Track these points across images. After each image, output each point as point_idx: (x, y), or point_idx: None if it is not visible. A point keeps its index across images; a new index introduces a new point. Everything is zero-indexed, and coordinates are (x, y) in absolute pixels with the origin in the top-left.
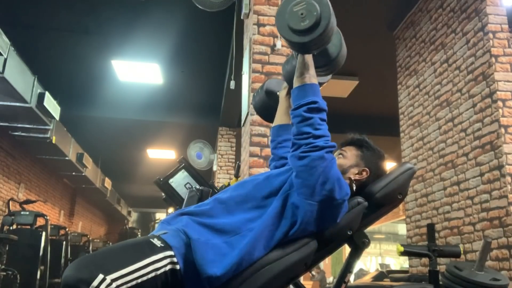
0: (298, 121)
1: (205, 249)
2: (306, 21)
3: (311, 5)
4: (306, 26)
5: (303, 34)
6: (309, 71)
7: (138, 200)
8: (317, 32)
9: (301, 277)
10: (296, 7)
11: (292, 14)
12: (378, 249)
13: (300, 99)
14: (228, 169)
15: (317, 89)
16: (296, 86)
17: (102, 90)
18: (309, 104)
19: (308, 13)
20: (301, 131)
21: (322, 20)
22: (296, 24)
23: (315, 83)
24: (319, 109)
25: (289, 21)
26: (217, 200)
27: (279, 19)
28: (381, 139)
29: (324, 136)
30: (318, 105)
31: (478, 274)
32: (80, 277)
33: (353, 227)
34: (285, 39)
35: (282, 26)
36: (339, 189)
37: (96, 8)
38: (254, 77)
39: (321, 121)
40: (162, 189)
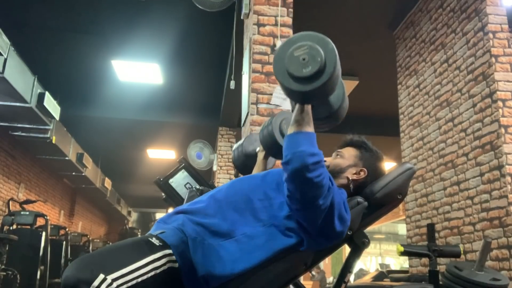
0: (290, 179)
1: (201, 249)
2: (309, 68)
3: (315, 49)
4: (308, 73)
5: (304, 82)
6: (306, 119)
7: (138, 200)
8: (320, 80)
9: (301, 277)
10: (298, 51)
11: (293, 59)
12: (378, 249)
13: (292, 148)
14: (228, 169)
15: (313, 137)
16: (289, 133)
17: (102, 90)
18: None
19: (311, 59)
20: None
21: (326, 68)
22: (296, 70)
23: (311, 131)
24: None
25: (289, 67)
26: (213, 198)
27: (278, 64)
28: (381, 139)
29: (321, 194)
30: (312, 160)
31: (478, 274)
32: (81, 277)
33: (353, 227)
34: (282, 87)
35: (280, 71)
36: (339, 221)
37: (96, 8)
38: (254, 77)
39: (317, 178)
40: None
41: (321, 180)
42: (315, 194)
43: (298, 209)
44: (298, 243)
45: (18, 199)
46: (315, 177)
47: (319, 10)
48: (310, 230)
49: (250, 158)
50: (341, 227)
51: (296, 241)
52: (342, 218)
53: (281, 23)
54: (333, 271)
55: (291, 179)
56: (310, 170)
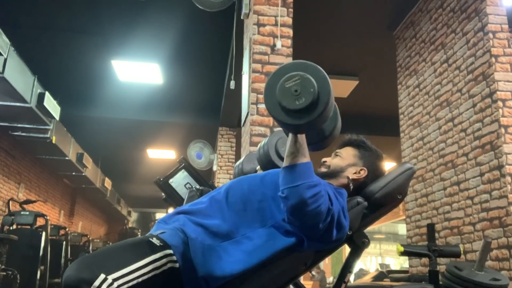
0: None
1: (202, 250)
2: (302, 100)
3: (306, 80)
4: (301, 106)
5: (298, 115)
6: (300, 150)
7: (138, 200)
8: (316, 112)
9: (301, 277)
10: (288, 82)
11: (284, 91)
12: (378, 249)
13: (289, 183)
14: (228, 169)
15: (309, 167)
16: (285, 166)
17: (102, 90)
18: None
19: (303, 89)
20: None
21: (320, 97)
22: (289, 104)
23: (307, 161)
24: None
25: (281, 100)
26: (213, 199)
27: (269, 97)
28: (381, 139)
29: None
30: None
31: (478, 274)
32: (82, 277)
33: (353, 227)
34: (276, 121)
35: (272, 105)
36: (337, 230)
37: (96, 8)
38: (254, 77)
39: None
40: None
41: (320, 209)
42: (315, 222)
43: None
44: (297, 243)
45: (18, 199)
46: (314, 208)
47: (319, 10)
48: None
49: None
50: (339, 234)
51: (295, 242)
52: (340, 226)
53: (281, 23)
54: (333, 271)
55: (290, 213)
56: (309, 204)
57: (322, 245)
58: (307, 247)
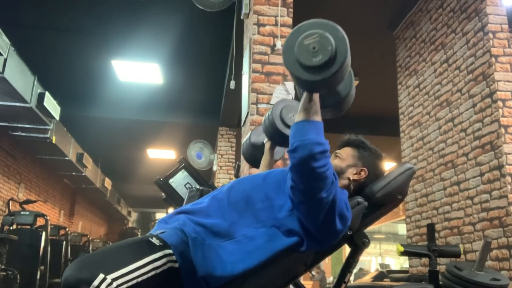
0: (295, 169)
1: (202, 250)
2: (319, 57)
3: (325, 38)
4: (318, 63)
5: (315, 72)
6: (313, 107)
7: (138, 200)
8: (331, 70)
9: (301, 277)
10: (307, 39)
11: (303, 48)
12: (378, 249)
13: (299, 137)
14: (228, 169)
15: (320, 127)
16: (297, 121)
17: (102, 90)
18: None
19: (321, 48)
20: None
21: (337, 57)
22: (307, 60)
23: (319, 120)
24: (320, 153)
25: (299, 56)
26: (214, 199)
27: (287, 53)
28: (381, 139)
29: (325, 186)
30: (318, 150)
31: (478, 274)
32: (81, 277)
33: (353, 227)
34: (293, 76)
35: (290, 61)
36: (340, 220)
37: (96, 8)
38: (254, 77)
39: (322, 169)
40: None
41: (325, 170)
42: (319, 185)
43: (300, 202)
44: (298, 243)
45: (18, 199)
46: (320, 166)
47: (319, 10)
48: (310, 227)
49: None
50: (342, 226)
51: (296, 241)
52: (343, 217)
53: (281, 23)
54: (333, 271)
55: (296, 167)
56: (317, 159)
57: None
58: (310, 246)
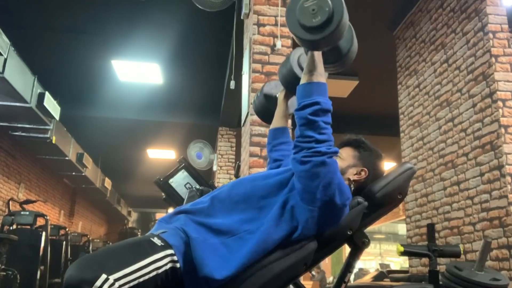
0: (302, 123)
1: (203, 249)
2: (318, 18)
3: (323, 0)
4: (317, 23)
5: (315, 31)
6: (318, 69)
7: (138, 200)
8: (329, 29)
9: (301, 277)
10: (307, 2)
11: (303, 10)
12: (378, 249)
13: (305, 97)
14: (228, 169)
15: (324, 88)
16: (303, 83)
17: (102, 90)
18: (313, 105)
19: (319, 9)
20: (304, 134)
21: (334, 16)
22: (307, 21)
23: (323, 81)
24: (324, 110)
25: (300, 18)
26: (215, 198)
27: (289, 16)
28: (381, 139)
29: (327, 141)
30: (323, 106)
31: (478, 274)
32: (83, 277)
33: (353, 227)
34: (295, 36)
35: (292, 23)
36: (340, 194)
37: (96, 8)
38: (254, 77)
39: (325, 125)
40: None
41: (327, 127)
42: (321, 138)
43: (303, 156)
44: (294, 230)
45: (18, 199)
46: (323, 121)
47: None
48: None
49: (270, 102)
50: (341, 200)
51: (292, 228)
52: (342, 192)
53: (281, 23)
54: (333, 271)
55: (302, 122)
56: (320, 115)
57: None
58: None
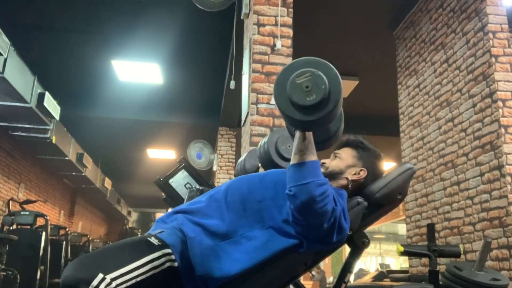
0: (297, 211)
1: (200, 250)
2: (313, 96)
3: (318, 77)
4: (312, 102)
5: (309, 111)
6: (309, 147)
7: (138, 200)
8: (326, 109)
9: (301, 277)
10: (300, 78)
11: (295, 87)
12: (378, 249)
13: (297, 180)
14: (228, 169)
15: (317, 166)
16: (293, 163)
17: (102, 90)
18: (306, 191)
19: (314, 86)
20: (300, 218)
21: (331, 96)
22: (300, 99)
23: (315, 159)
24: (321, 194)
25: (292, 95)
26: (212, 198)
27: (278, 91)
28: (381, 139)
29: (325, 220)
30: (318, 192)
31: (478, 274)
32: (80, 277)
33: (353, 227)
34: (284, 116)
35: (282, 100)
36: (338, 233)
37: (96, 8)
38: (254, 77)
39: (323, 208)
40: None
41: (327, 208)
42: (321, 221)
43: (302, 231)
44: (297, 245)
45: (18, 199)
46: (322, 207)
47: (319, 10)
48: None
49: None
50: (339, 237)
51: (294, 243)
52: (341, 229)
53: (281, 23)
54: (333, 271)
55: (297, 211)
56: (317, 202)
57: (322, 246)
58: (306, 249)
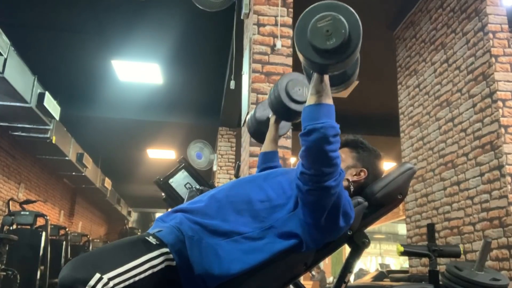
0: (308, 152)
1: (199, 248)
2: (333, 40)
3: (339, 21)
4: (332, 46)
5: (328, 55)
6: (325, 90)
7: (138, 200)
8: (345, 54)
9: (301, 277)
10: (321, 22)
11: (316, 31)
12: (378, 249)
13: (312, 120)
14: (228, 169)
15: (332, 110)
16: (309, 104)
17: (102, 90)
18: (321, 129)
19: (335, 31)
20: (309, 164)
21: (352, 40)
22: (320, 43)
23: (331, 103)
24: (333, 135)
25: (312, 39)
26: (212, 198)
27: (300, 36)
28: (381, 139)
29: (334, 172)
30: (331, 132)
31: (478, 274)
32: (77, 276)
33: (353, 227)
34: (305, 59)
35: (302, 44)
36: (343, 217)
37: (96, 8)
38: (254, 77)
39: (334, 153)
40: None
41: (336, 156)
42: (329, 171)
43: (309, 190)
44: (298, 245)
45: (18, 199)
46: (333, 150)
47: None
48: (314, 221)
49: (262, 124)
50: (344, 223)
51: (295, 243)
52: (346, 214)
53: (281, 23)
54: (333, 271)
55: (309, 151)
56: (330, 143)
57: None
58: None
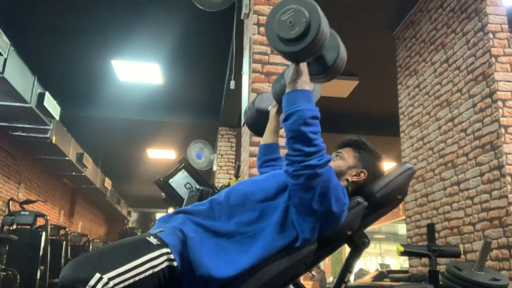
0: (290, 136)
1: (200, 249)
2: (296, 29)
3: (299, 12)
4: (295, 35)
5: (294, 43)
6: (302, 77)
7: (138, 200)
8: (307, 39)
9: (301, 277)
10: (284, 15)
11: (281, 23)
12: (378, 249)
13: (289, 106)
14: (228, 169)
15: (309, 95)
16: (287, 92)
17: (102, 90)
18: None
19: (296, 21)
20: (293, 147)
21: (312, 26)
22: (285, 34)
23: (307, 89)
24: (311, 117)
25: (278, 31)
26: (214, 201)
27: (268, 30)
28: (381, 139)
29: (317, 152)
30: (308, 114)
31: (478, 274)
32: (77, 276)
33: (353, 227)
34: (276, 50)
35: (271, 37)
36: (336, 202)
37: (96, 8)
38: (254, 77)
39: (314, 135)
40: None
41: (317, 137)
42: (311, 150)
43: (294, 171)
44: (295, 239)
45: (18, 199)
46: (312, 132)
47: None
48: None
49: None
50: (337, 208)
51: (295, 237)
52: (339, 200)
53: None
54: (333, 271)
55: (289, 134)
56: (308, 124)
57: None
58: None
